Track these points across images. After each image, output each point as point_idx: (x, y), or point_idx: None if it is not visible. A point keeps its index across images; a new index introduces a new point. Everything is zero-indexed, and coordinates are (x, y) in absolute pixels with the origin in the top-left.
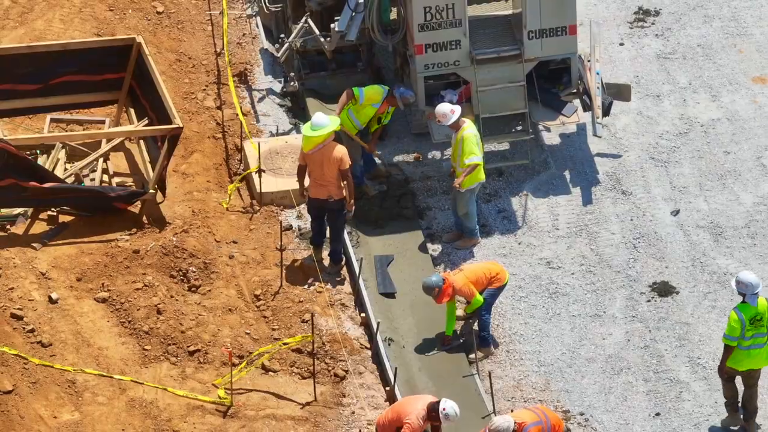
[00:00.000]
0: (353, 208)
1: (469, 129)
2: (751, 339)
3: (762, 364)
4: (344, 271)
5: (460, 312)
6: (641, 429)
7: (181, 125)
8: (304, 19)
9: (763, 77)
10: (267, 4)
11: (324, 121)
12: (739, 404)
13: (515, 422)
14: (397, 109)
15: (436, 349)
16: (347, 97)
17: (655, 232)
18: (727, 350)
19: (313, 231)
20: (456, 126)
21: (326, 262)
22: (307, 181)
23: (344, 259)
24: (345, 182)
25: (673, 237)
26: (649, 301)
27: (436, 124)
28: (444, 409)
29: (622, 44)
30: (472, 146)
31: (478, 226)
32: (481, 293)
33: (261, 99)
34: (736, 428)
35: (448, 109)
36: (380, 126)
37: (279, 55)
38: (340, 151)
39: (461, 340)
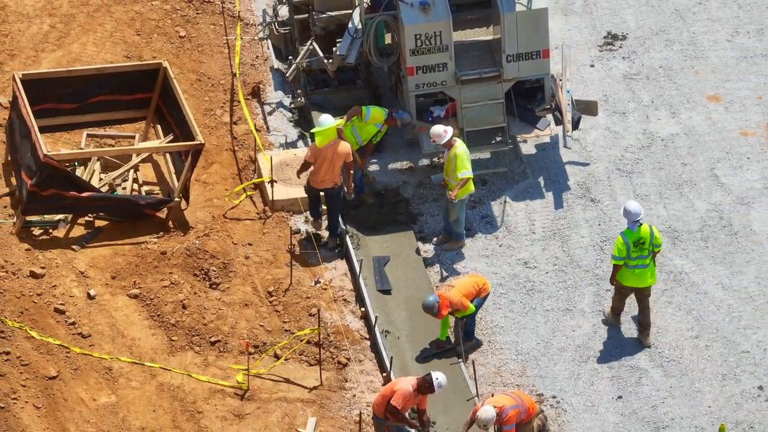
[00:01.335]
0: (353, 191)
1: (461, 147)
2: (636, 260)
3: (646, 283)
4: (346, 269)
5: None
6: (605, 410)
7: (203, 141)
8: (309, 42)
9: (717, 96)
10: (277, 27)
11: (330, 119)
12: (635, 320)
13: (495, 407)
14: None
15: (433, 355)
16: (354, 112)
17: None
18: (615, 268)
19: (311, 207)
20: (449, 144)
21: (325, 235)
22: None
23: (340, 232)
24: (350, 171)
25: None
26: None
27: (427, 136)
28: (437, 379)
29: (592, 66)
30: (464, 162)
31: (464, 231)
32: (471, 302)
33: (271, 112)
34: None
35: (442, 130)
36: (371, 144)
37: (288, 74)
38: (347, 146)
39: (452, 345)
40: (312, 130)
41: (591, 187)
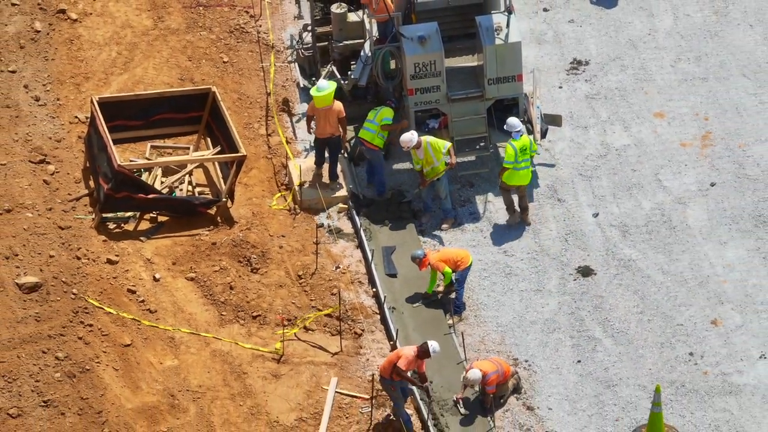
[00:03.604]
0: (347, 143)
1: (427, 137)
2: (522, 162)
3: (525, 182)
4: (360, 257)
5: (441, 288)
6: (567, 372)
7: (245, 153)
8: (329, 65)
9: (661, 113)
10: (302, 50)
11: (326, 84)
12: (516, 209)
13: (481, 370)
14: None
15: (420, 302)
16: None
17: (581, 229)
18: (503, 171)
19: (316, 156)
20: (418, 144)
21: (326, 179)
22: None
23: (338, 176)
24: (342, 127)
25: (594, 233)
26: (575, 280)
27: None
28: (432, 346)
29: (560, 87)
30: (438, 143)
31: (455, 211)
32: (454, 271)
33: (298, 121)
34: (516, 223)
35: (410, 134)
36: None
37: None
38: (339, 104)
39: (437, 298)
40: (311, 92)
41: (558, 188)
